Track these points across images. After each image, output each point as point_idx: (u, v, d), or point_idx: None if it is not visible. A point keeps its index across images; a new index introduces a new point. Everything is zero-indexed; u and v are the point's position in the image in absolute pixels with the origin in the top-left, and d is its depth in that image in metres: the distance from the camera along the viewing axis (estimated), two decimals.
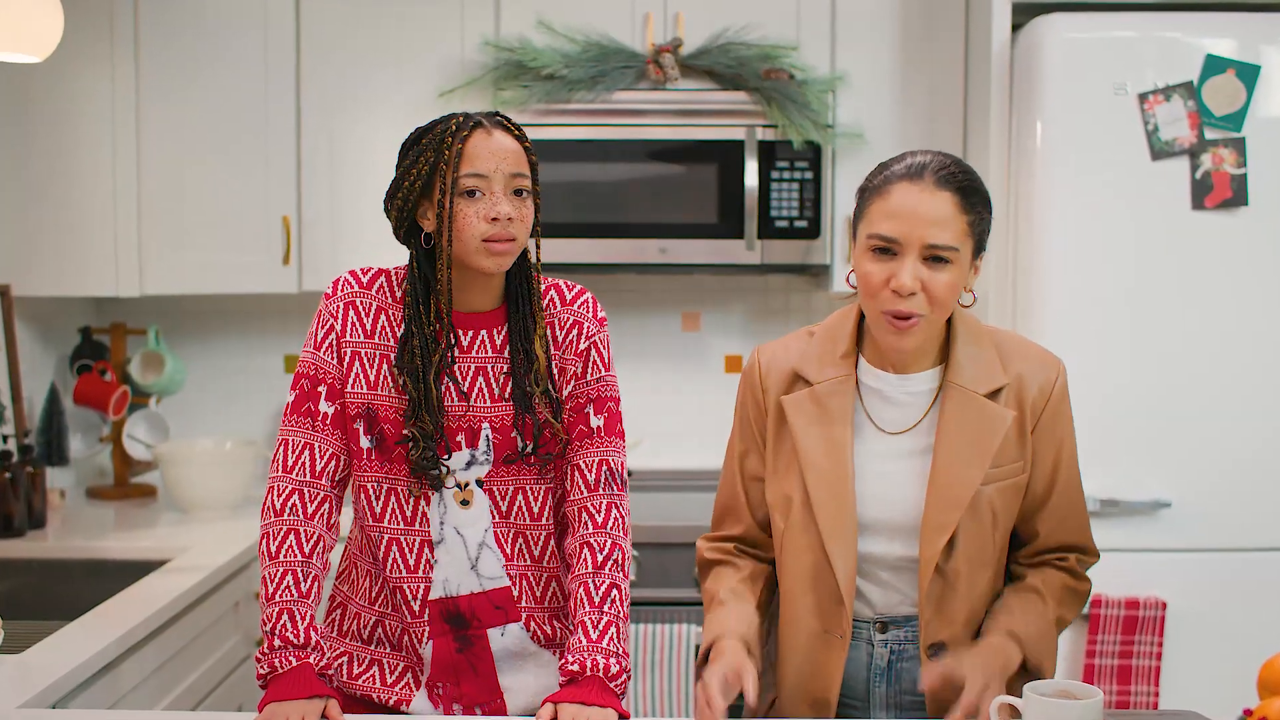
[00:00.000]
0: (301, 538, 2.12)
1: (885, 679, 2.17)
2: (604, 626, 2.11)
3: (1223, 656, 3.19)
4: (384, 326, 2.18)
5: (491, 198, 2.09)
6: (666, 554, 3.51)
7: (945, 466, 2.07)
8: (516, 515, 2.22)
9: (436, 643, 2.21)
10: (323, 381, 2.17)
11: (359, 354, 2.17)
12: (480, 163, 2.08)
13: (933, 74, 3.82)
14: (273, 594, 2.09)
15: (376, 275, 2.21)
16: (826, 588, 2.12)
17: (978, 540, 2.09)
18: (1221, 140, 3.18)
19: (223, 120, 3.72)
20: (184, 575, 2.99)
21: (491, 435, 2.18)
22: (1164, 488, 3.23)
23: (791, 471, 2.15)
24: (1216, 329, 3.21)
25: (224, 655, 3.17)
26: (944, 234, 1.98)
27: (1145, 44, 3.20)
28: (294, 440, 2.17)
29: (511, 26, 3.80)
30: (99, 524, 3.58)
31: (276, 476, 2.17)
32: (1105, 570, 3.16)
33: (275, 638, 2.06)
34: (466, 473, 2.18)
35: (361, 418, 2.16)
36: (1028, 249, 3.29)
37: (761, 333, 4.20)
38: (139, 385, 3.96)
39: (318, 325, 2.20)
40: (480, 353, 2.18)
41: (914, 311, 2.00)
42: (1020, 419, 2.10)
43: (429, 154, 2.09)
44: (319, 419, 2.17)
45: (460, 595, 2.21)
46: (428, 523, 2.18)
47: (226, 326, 4.24)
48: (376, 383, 2.16)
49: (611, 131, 3.73)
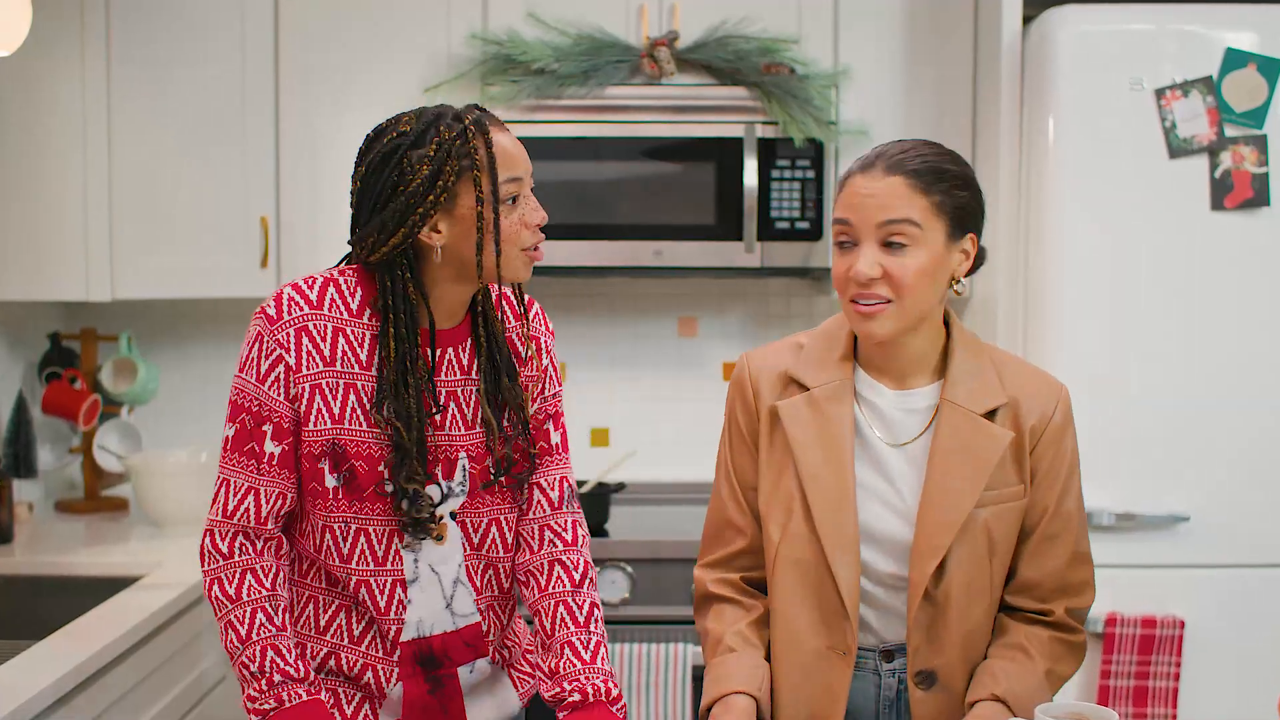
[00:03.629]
0: (259, 573, 2.06)
1: (895, 710, 2.16)
2: (594, 648, 2.11)
3: (1243, 677, 3.20)
4: (344, 350, 2.05)
5: (528, 202, 2.04)
6: (661, 570, 3.51)
7: (938, 487, 2.07)
8: (489, 547, 2.18)
9: (407, 685, 2.15)
10: (267, 420, 2.04)
11: (319, 386, 2.04)
12: (517, 165, 2.02)
13: (940, 68, 3.83)
14: (247, 635, 2.03)
15: (324, 288, 2.07)
16: (829, 602, 2.11)
17: (972, 566, 2.08)
18: (1242, 138, 3.18)
19: (198, 117, 3.72)
20: (157, 592, 2.98)
21: (469, 465, 2.13)
22: (1181, 501, 3.23)
23: (786, 480, 2.13)
24: (1236, 335, 3.22)
25: (199, 676, 3.16)
26: (894, 211, 2.00)
27: (1163, 37, 3.21)
28: (236, 482, 2.06)
29: (500, 19, 3.80)
30: (68, 539, 3.57)
31: (216, 520, 2.07)
32: (1120, 587, 3.19)
33: (270, 675, 2.02)
34: (442, 506, 2.13)
35: (326, 455, 2.05)
36: (1039, 251, 3.29)
37: (761, 339, 4.20)
38: (110, 394, 3.95)
39: (260, 353, 2.04)
40: (449, 375, 2.11)
41: (875, 295, 2.02)
42: (1018, 442, 2.10)
43: (453, 161, 1.98)
44: (264, 460, 2.05)
45: (434, 635, 2.16)
46: (401, 561, 2.11)
47: (202, 332, 4.23)
48: (343, 415, 2.04)
49: (604, 128, 3.73)
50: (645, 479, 4.13)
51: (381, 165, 2.02)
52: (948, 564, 2.07)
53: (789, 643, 2.15)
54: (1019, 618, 2.15)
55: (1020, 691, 2.05)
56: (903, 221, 2.00)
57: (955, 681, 2.11)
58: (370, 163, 2.04)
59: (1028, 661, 2.09)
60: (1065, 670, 2.14)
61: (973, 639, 2.11)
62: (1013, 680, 2.06)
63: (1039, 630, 2.13)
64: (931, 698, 2.11)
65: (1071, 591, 2.15)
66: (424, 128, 2.01)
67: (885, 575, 2.12)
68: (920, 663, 2.10)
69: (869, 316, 2.03)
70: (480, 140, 1.99)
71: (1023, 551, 2.13)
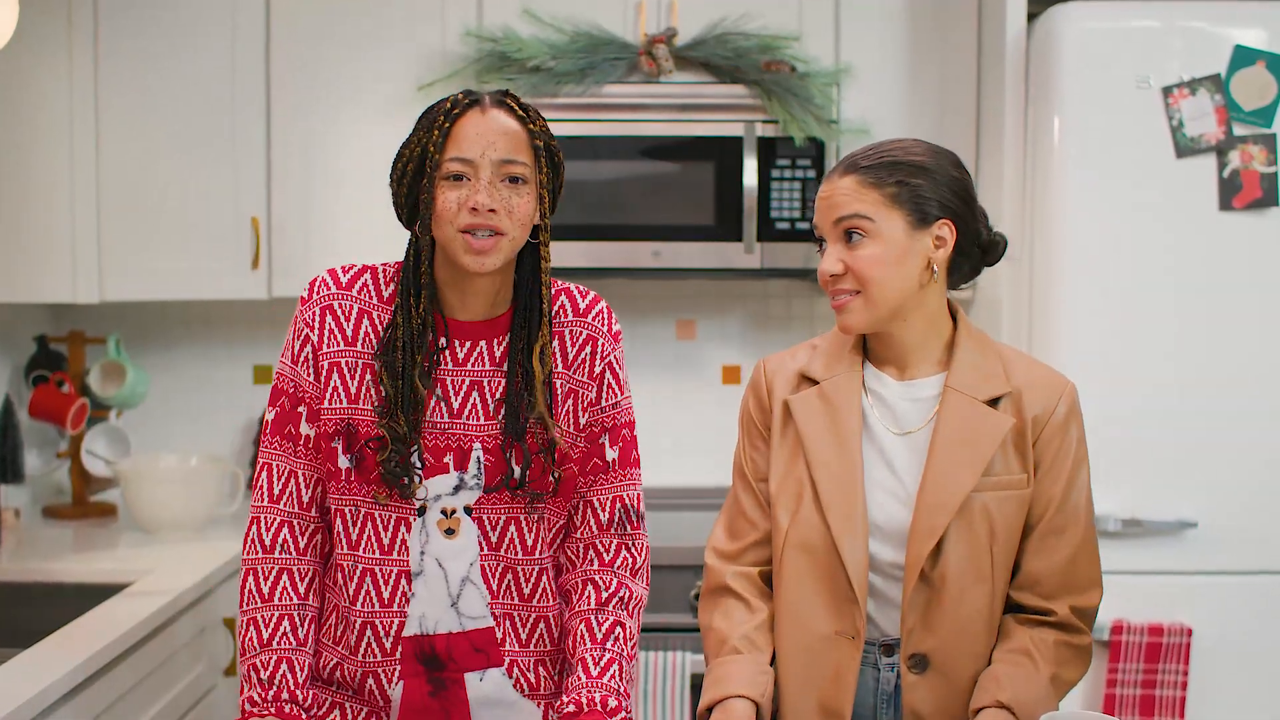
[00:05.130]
0: (296, 577, 2.09)
1: (892, 704, 2.18)
2: (605, 663, 2.09)
3: (1252, 686, 3.19)
4: (367, 332, 2.10)
5: (475, 185, 2.02)
6: (660, 577, 3.50)
7: (937, 470, 2.11)
8: (508, 548, 2.14)
9: (407, 684, 2.14)
10: (302, 400, 2.11)
11: (338, 365, 2.09)
12: (467, 145, 2.02)
13: (943, 66, 3.82)
14: (268, 640, 2.05)
15: (359, 274, 2.14)
16: (838, 586, 2.14)
17: (969, 550, 2.11)
18: (1251, 137, 3.18)
19: (187, 114, 3.71)
20: (146, 600, 2.97)
21: (484, 457, 2.11)
22: (1189, 507, 3.23)
23: (796, 468, 2.19)
24: (1245, 338, 3.21)
25: (189, 685, 3.15)
26: (846, 208, 2.11)
27: (1169, 34, 3.21)
28: (278, 466, 2.12)
29: (495, 16, 3.80)
30: (56, 545, 3.57)
31: (262, 506, 2.11)
32: (1127, 594, 3.19)
33: (278, 688, 2.03)
34: (455, 498, 2.11)
35: (340, 435, 2.08)
36: (1044, 252, 3.29)
37: (761, 341, 4.20)
38: (98, 397, 3.95)
39: (293, 335, 2.12)
40: (476, 365, 2.11)
41: (843, 289, 2.13)
42: (1020, 429, 2.13)
43: (421, 132, 2.04)
44: (300, 443, 2.11)
45: (437, 634, 2.13)
46: (407, 551, 2.11)
47: (191, 335, 4.22)
48: (358, 395, 2.08)
49: (601, 127, 3.73)
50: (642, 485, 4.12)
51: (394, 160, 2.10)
52: (945, 546, 2.10)
53: (796, 628, 2.17)
54: (1024, 620, 2.16)
55: (1025, 698, 2.06)
56: (853, 216, 2.11)
57: (949, 667, 2.12)
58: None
59: (1033, 667, 2.10)
60: (1071, 675, 2.15)
61: (970, 626, 2.13)
62: (1018, 686, 2.07)
63: (1044, 633, 2.14)
64: (924, 682, 2.13)
65: (1076, 589, 2.16)
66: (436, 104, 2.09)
67: (886, 564, 2.15)
68: (914, 645, 2.13)
69: (841, 310, 2.15)
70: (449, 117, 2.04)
71: (1027, 545, 2.16)
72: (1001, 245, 2.21)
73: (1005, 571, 2.15)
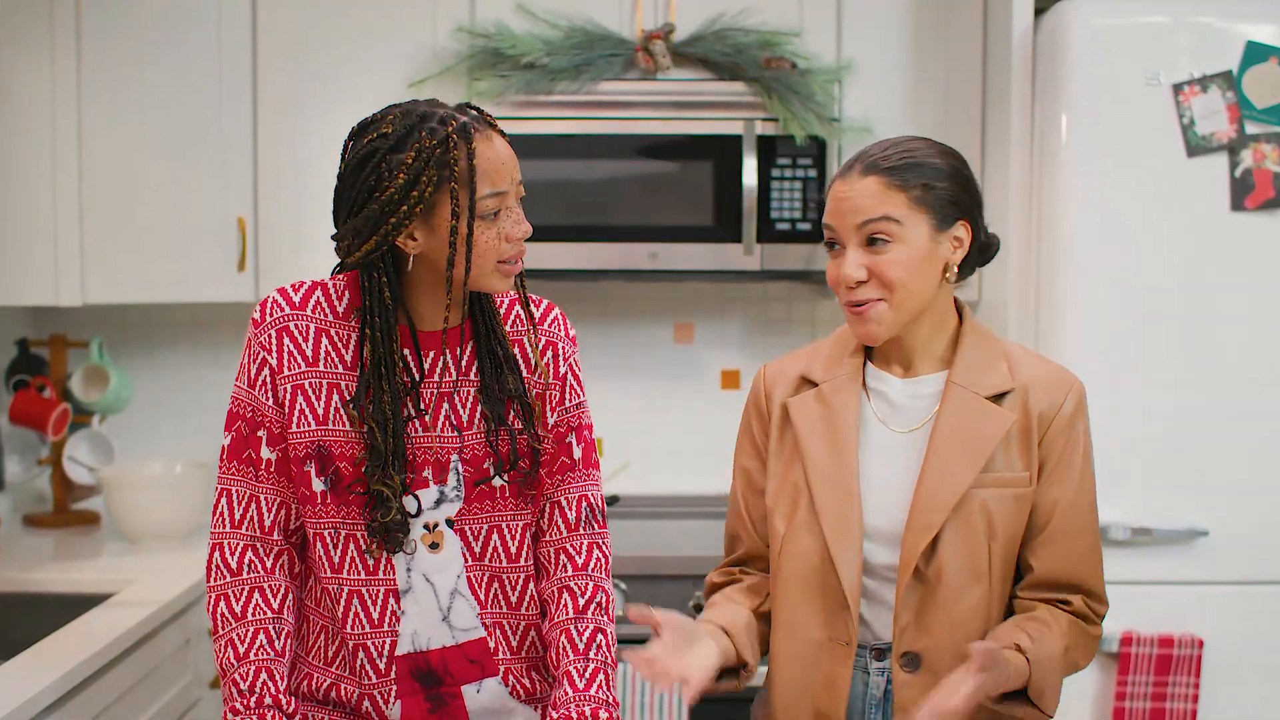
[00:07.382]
0: (268, 594, 2.09)
1: (881, 710, 2.19)
2: (591, 674, 2.11)
3: (1265, 699, 3.19)
4: (328, 350, 2.09)
5: (510, 215, 2.02)
6: (657, 586, 3.50)
7: (935, 466, 2.12)
8: (492, 557, 2.17)
9: (405, 703, 2.16)
10: (262, 425, 2.10)
11: (301, 387, 2.08)
12: (499, 178, 2.00)
13: (948, 63, 3.82)
14: (245, 654, 2.05)
15: (310, 291, 2.12)
16: (831, 592, 2.16)
17: (966, 547, 2.11)
18: (1263, 135, 3.18)
19: (173, 113, 3.71)
20: (130, 610, 2.97)
21: (462, 468, 2.13)
22: (1200, 515, 3.22)
23: (793, 473, 2.20)
24: (1257, 342, 3.21)
25: (174, 698, 3.15)
26: (872, 211, 2.09)
27: (1180, 30, 3.21)
28: (237, 491, 2.11)
29: (488, 11, 3.79)
30: (36, 554, 3.56)
31: (224, 532, 2.11)
32: (1137, 605, 3.18)
33: (260, 695, 2.03)
34: (436, 511, 2.13)
35: (312, 459, 2.08)
36: (1051, 253, 3.29)
37: (760, 345, 4.19)
38: (81, 403, 3.94)
39: (248, 358, 2.11)
40: (444, 376, 2.12)
41: (866, 298, 2.10)
42: (1025, 425, 2.14)
43: (431, 171, 1.96)
44: (261, 467, 2.10)
45: (431, 650, 2.16)
46: (393, 570, 2.12)
47: (176, 338, 4.22)
48: (326, 417, 2.08)
49: (597, 125, 3.72)
50: (640, 492, 4.13)
51: (359, 167, 2.01)
52: (940, 543, 2.11)
53: (790, 635, 2.20)
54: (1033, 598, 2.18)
55: (1041, 654, 2.07)
56: (881, 219, 2.08)
57: (942, 667, 2.11)
58: (349, 163, 2.03)
59: (1049, 632, 2.11)
60: (1080, 658, 2.18)
61: (964, 626, 2.13)
62: (1036, 641, 2.08)
63: (1060, 612, 2.16)
64: (916, 681, 2.13)
65: (1089, 587, 2.19)
66: (405, 131, 1.98)
67: (882, 567, 2.16)
68: (906, 644, 2.14)
69: (864, 318, 2.12)
70: (462, 150, 1.97)
71: (1036, 547, 2.16)
72: (996, 245, 2.23)
73: (1004, 570, 2.16)
